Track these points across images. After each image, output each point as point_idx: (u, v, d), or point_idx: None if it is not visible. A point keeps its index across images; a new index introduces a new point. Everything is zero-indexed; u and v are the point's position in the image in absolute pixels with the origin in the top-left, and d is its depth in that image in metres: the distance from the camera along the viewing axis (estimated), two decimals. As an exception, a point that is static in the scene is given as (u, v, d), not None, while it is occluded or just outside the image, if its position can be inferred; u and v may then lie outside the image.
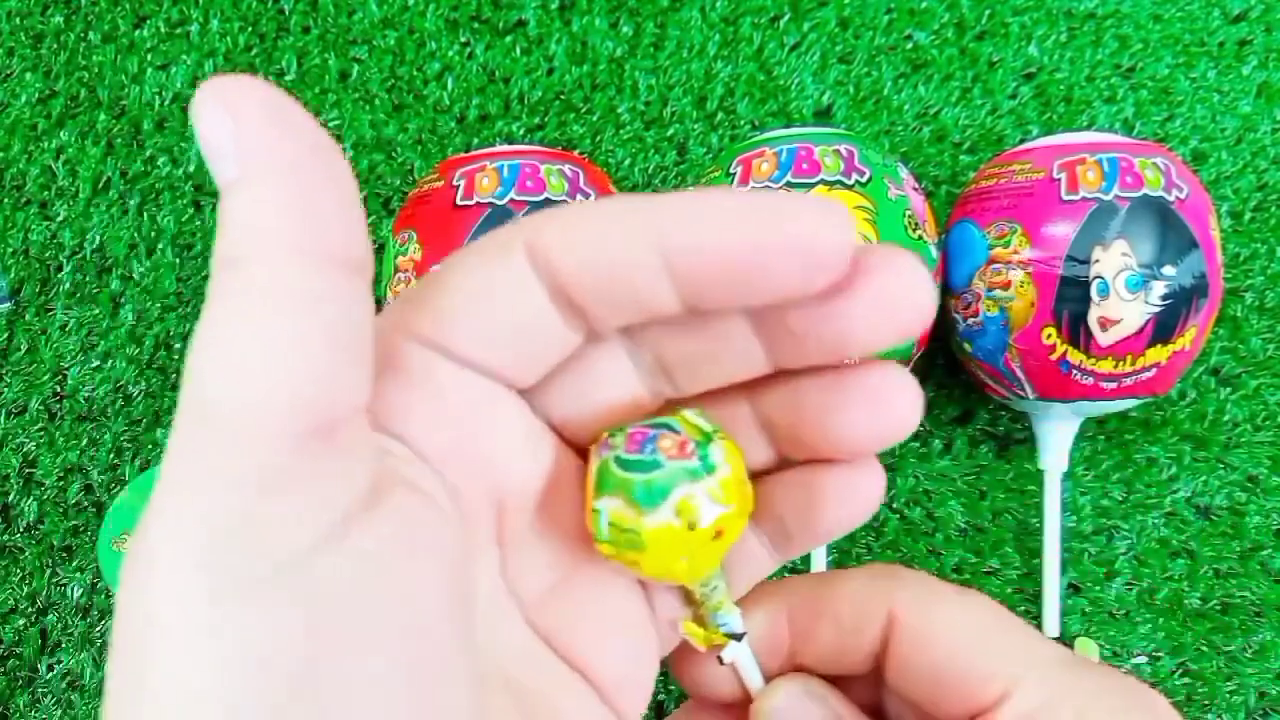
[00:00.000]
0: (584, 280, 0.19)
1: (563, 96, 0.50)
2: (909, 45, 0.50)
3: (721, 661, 0.24)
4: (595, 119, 0.50)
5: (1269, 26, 0.49)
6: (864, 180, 0.37)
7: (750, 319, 0.21)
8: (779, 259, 0.18)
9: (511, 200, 0.37)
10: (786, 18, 0.50)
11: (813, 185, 0.37)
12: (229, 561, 0.15)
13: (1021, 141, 0.44)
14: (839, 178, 0.37)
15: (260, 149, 0.15)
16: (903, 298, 0.19)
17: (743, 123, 0.49)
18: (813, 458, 0.23)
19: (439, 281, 0.20)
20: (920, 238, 0.38)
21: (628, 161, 0.49)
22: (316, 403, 0.15)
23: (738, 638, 0.23)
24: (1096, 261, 0.36)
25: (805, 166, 0.37)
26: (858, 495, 0.23)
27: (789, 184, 0.37)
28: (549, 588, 0.22)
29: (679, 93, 0.50)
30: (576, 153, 0.49)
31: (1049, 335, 0.37)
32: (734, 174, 0.39)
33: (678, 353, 0.22)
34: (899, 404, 0.21)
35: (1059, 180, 0.37)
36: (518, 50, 0.51)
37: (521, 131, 0.50)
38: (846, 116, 0.49)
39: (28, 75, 0.51)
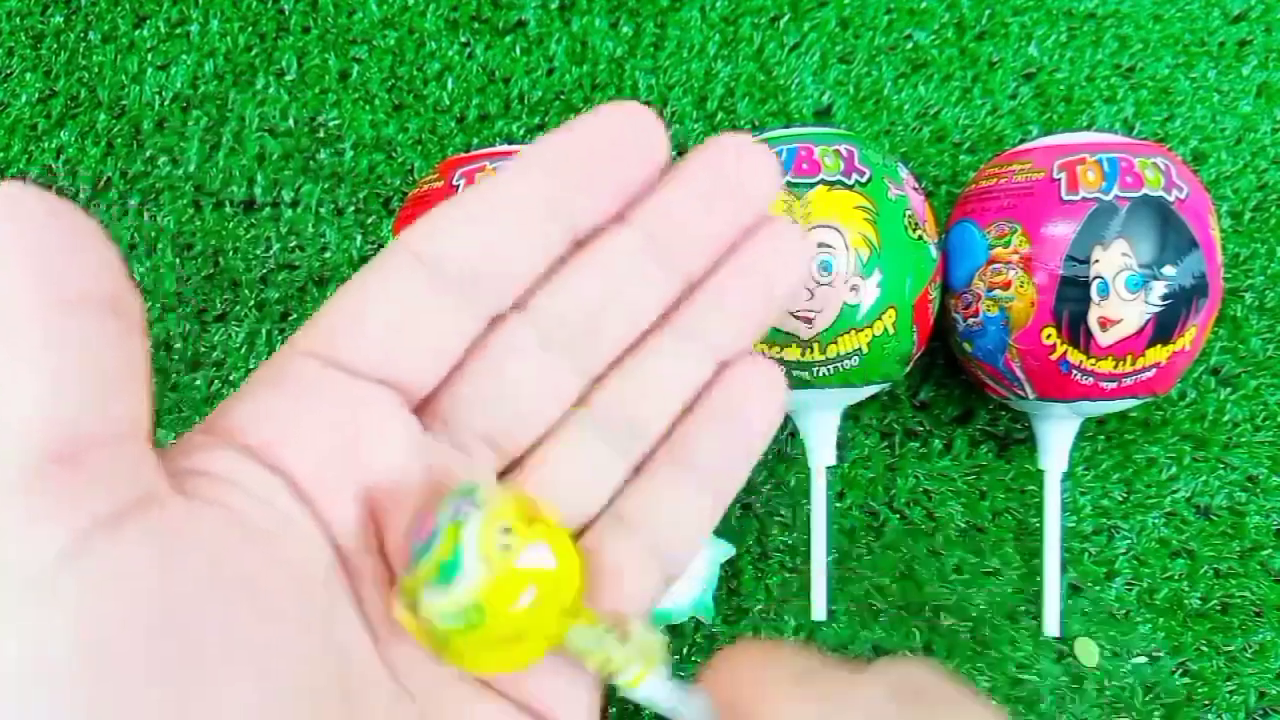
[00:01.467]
0: (473, 250, 0.22)
1: (563, 96, 0.50)
2: (909, 45, 0.50)
3: None
4: (595, 119, 0.50)
5: (1269, 26, 0.49)
6: (864, 180, 0.37)
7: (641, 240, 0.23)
8: (626, 142, 0.22)
9: None
10: (786, 18, 0.50)
11: (813, 185, 0.37)
12: None
13: (1021, 141, 0.44)
14: (839, 177, 0.37)
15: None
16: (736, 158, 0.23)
17: (743, 123, 0.49)
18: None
19: (331, 301, 0.22)
20: (920, 238, 0.38)
21: (628, 161, 0.49)
22: (51, 434, 0.17)
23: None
24: (1096, 261, 0.36)
25: (805, 166, 0.37)
26: (767, 387, 0.24)
27: (789, 184, 0.37)
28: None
29: (679, 93, 0.50)
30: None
31: (1049, 335, 0.37)
32: None
33: (580, 304, 0.23)
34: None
35: (1059, 180, 0.37)
36: (518, 50, 0.51)
37: (521, 131, 0.50)
38: (846, 116, 0.49)
39: (28, 75, 0.51)
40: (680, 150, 0.49)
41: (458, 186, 0.38)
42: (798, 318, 0.37)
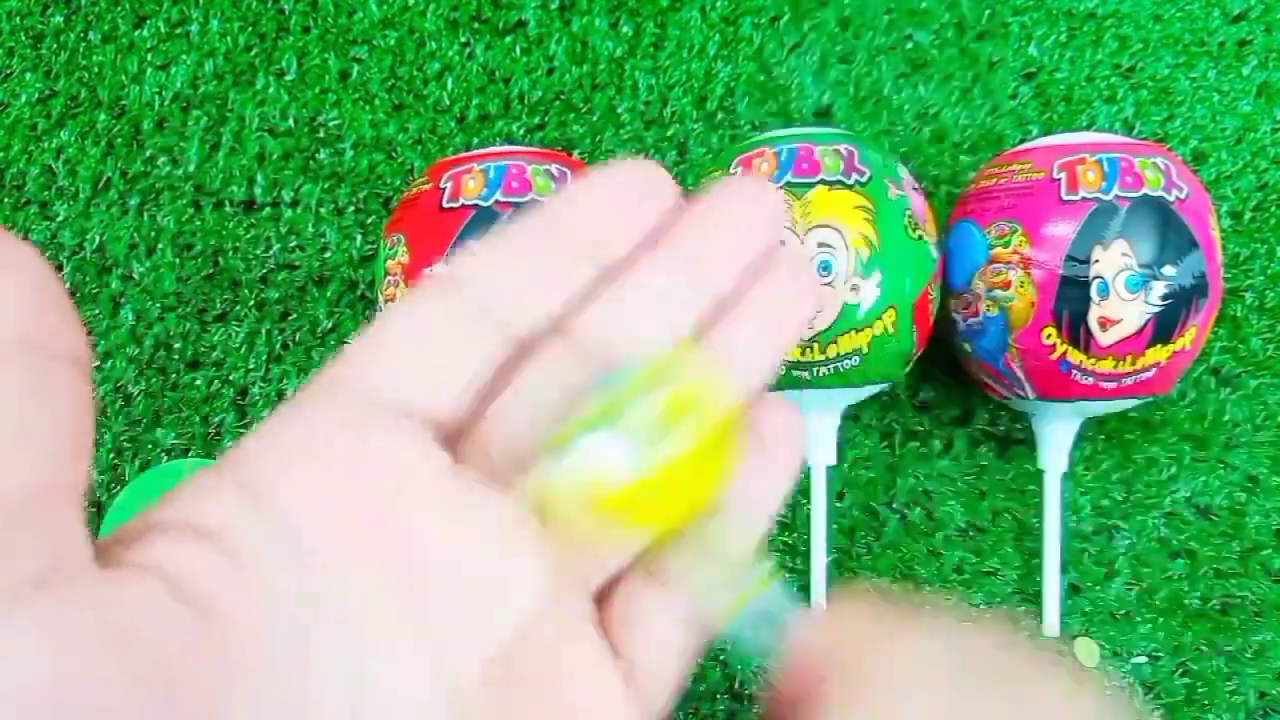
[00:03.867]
0: (497, 273, 0.22)
1: (563, 96, 0.50)
2: (909, 45, 0.50)
3: None
4: (595, 119, 0.50)
5: (1269, 26, 0.49)
6: (864, 180, 0.37)
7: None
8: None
9: (497, 201, 0.37)
10: (786, 18, 0.50)
11: (813, 185, 0.37)
12: None
13: (1021, 141, 0.44)
14: (839, 177, 0.37)
15: None
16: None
17: (743, 123, 0.49)
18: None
19: (361, 332, 0.21)
20: (920, 238, 0.38)
21: (628, 161, 0.49)
22: None
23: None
24: (1096, 261, 0.36)
25: (805, 166, 0.37)
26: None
27: (789, 184, 0.37)
28: (495, 673, 0.19)
29: (679, 93, 0.50)
30: (576, 153, 0.49)
31: (1049, 335, 0.37)
32: (734, 175, 0.39)
33: (619, 322, 0.23)
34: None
35: (1059, 180, 0.37)
36: (518, 50, 0.51)
37: (521, 131, 0.50)
38: (846, 116, 0.49)
39: (28, 75, 0.51)
40: (681, 150, 0.49)
41: (444, 189, 0.38)
42: None
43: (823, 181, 0.37)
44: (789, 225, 0.37)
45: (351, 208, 0.49)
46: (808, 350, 0.37)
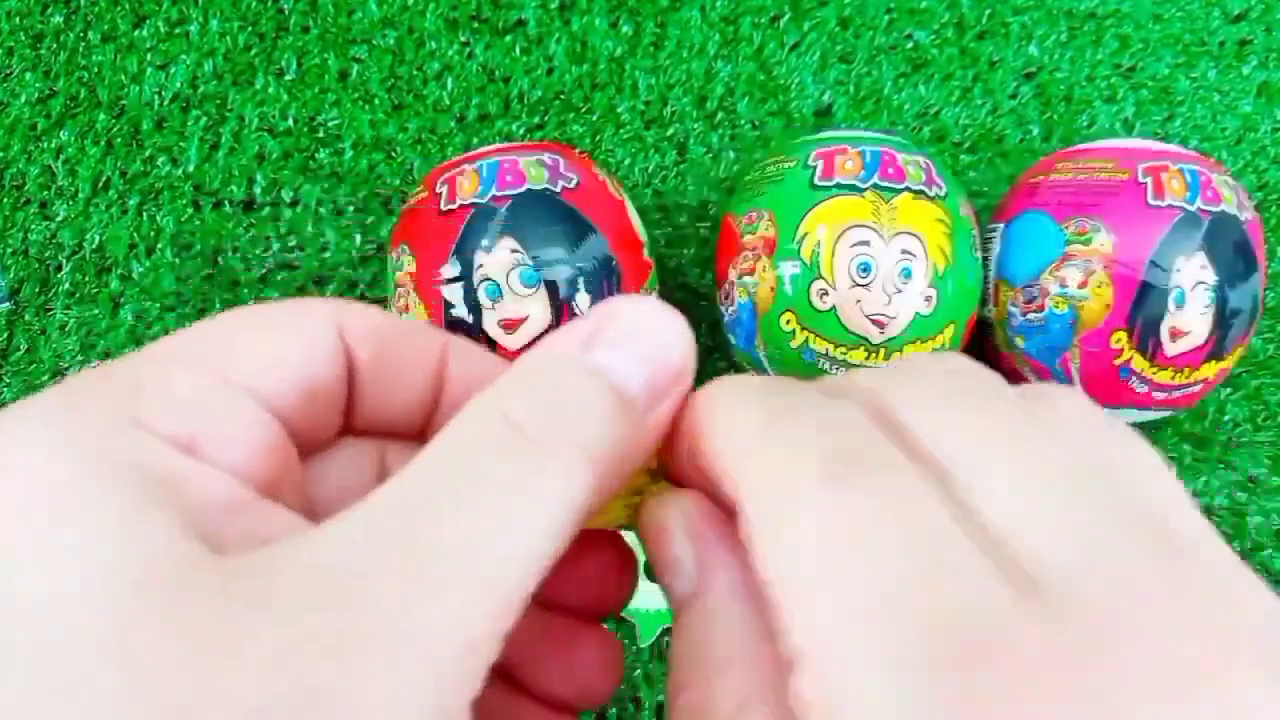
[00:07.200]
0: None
1: (563, 96, 0.40)
2: (909, 45, 0.40)
3: None
4: (595, 119, 0.40)
5: (1269, 26, 0.40)
6: (942, 195, 0.29)
7: None
8: None
9: (493, 197, 0.29)
10: (786, 17, 0.40)
11: (899, 191, 0.28)
12: None
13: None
14: (922, 188, 0.29)
15: None
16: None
17: (743, 122, 0.40)
18: None
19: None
20: (979, 259, 0.30)
21: (628, 161, 0.39)
22: None
23: None
24: (1178, 271, 0.27)
25: (891, 171, 0.29)
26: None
27: (876, 185, 0.28)
28: None
29: (679, 92, 0.40)
30: (576, 152, 0.39)
31: (1118, 340, 0.28)
32: (813, 167, 0.29)
33: None
34: None
35: (1145, 184, 0.28)
36: (518, 50, 0.40)
37: (521, 131, 0.40)
38: (846, 116, 0.39)
39: (28, 75, 0.41)
40: (681, 150, 0.39)
41: (440, 194, 0.30)
42: (873, 321, 0.27)
43: (909, 189, 0.28)
44: (875, 226, 0.27)
45: (351, 208, 0.39)
46: (873, 355, 0.28)
